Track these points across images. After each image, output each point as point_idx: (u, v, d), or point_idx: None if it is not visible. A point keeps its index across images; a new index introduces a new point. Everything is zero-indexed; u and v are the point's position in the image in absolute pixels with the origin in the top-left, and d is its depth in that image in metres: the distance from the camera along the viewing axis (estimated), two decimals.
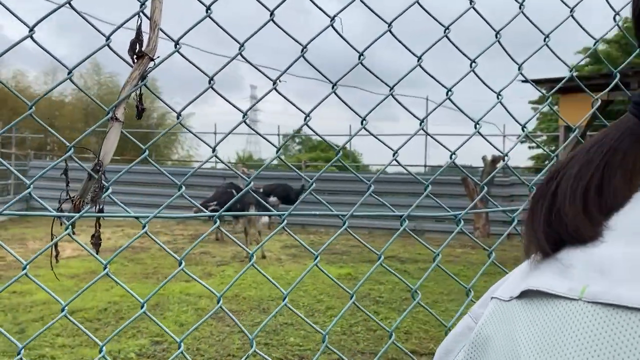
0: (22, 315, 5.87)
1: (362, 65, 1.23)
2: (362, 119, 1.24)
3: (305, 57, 1.16)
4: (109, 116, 1.16)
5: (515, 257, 11.26)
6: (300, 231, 14.73)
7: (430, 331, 5.92)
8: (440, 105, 1.32)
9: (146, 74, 1.11)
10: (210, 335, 5.43)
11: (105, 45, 1.09)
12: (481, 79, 1.36)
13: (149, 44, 1.09)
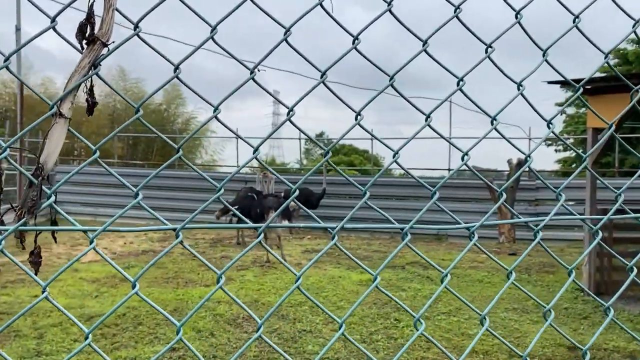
0: (41, 320, 5.88)
1: (357, 50, 1.12)
2: (356, 113, 1.13)
3: (288, 42, 1.06)
4: (53, 111, 1.01)
5: (540, 263, 10.96)
6: (321, 235, 14.62)
7: (453, 339, 5.75)
8: (449, 98, 1.21)
9: (98, 61, 0.98)
10: (227, 342, 5.35)
11: (50, 28, 0.95)
12: (498, 67, 1.24)
13: (102, 27, 0.96)
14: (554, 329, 5.10)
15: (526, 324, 6.41)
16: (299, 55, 1.11)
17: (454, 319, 6.46)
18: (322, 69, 1.10)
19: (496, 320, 6.47)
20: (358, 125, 1.13)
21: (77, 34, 0.97)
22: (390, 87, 1.16)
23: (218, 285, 1.07)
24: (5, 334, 5.50)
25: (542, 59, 1.28)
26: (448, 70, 1.21)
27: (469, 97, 1.23)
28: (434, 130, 1.23)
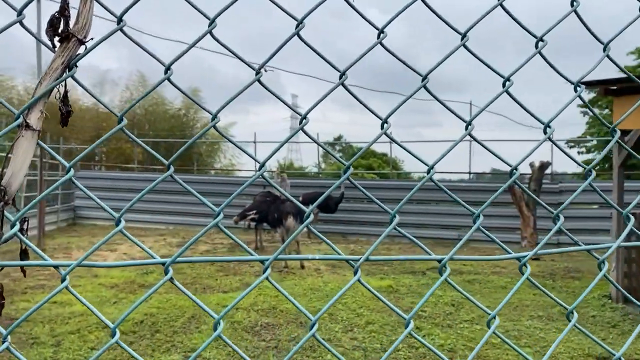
0: (59, 327, 5.86)
1: (382, 45, 1.01)
2: (382, 121, 1.02)
3: (300, 35, 0.95)
4: (18, 122, 0.84)
5: (565, 268, 10.68)
6: (340, 240, 14.50)
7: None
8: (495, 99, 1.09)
9: (74, 62, 0.84)
10: (245, 351, 5.26)
11: (17, 22, 0.82)
12: (550, 63, 1.12)
13: (79, 21, 0.82)
14: (582, 338, 4.87)
15: (552, 332, 6.21)
16: (316, 56, 1.01)
17: (477, 326, 6.29)
18: (336, 73, 1.00)
19: (521, 328, 6.29)
20: (384, 134, 1.02)
21: (47, 29, 0.83)
22: (414, 88, 1.05)
23: (216, 333, 0.98)
24: (23, 341, 5.49)
25: (603, 55, 1.16)
26: (492, 68, 1.10)
27: (515, 98, 1.11)
28: (474, 139, 1.11)
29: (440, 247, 13.84)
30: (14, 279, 8.37)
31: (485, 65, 1.08)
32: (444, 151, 1.15)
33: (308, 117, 0.98)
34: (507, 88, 1.10)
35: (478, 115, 1.08)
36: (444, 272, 1.10)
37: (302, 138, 33.21)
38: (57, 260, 3.64)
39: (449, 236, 14.63)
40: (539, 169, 13.30)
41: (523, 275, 1.15)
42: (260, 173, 0.99)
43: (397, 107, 1.03)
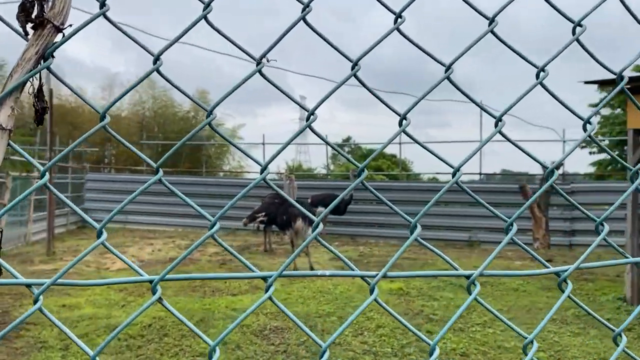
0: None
1: (399, 31, 0.93)
2: (401, 117, 0.94)
3: (306, 20, 0.88)
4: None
5: (579, 271, 10.51)
6: (349, 242, 14.41)
7: (489, 353, 5.48)
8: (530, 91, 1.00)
9: (50, 51, 0.74)
10: (254, 356, 5.20)
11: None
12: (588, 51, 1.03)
13: (55, 5, 0.73)
14: (597, 342, 4.76)
15: (566, 336, 6.09)
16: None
17: (489, 330, 6.18)
18: (343, 73, 0.93)
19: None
20: (403, 132, 0.94)
21: (19, 14, 0.73)
22: (423, 89, 0.97)
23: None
24: (31, 344, 5.46)
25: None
26: (527, 59, 1.02)
27: (549, 89, 1.03)
28: (504, 136, 1.03)
29: (452, 249, 13.72)
30: None
31: (516, 54, 0.99)
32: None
33: (316, 113, 0.91)
34: (542, 79, 1.02)
35: (509, 110, 1.00)
36: (473, 290, 1.01)
37: (310, 139, 33.11)
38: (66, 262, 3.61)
39: (460, 238, 14.50)
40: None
41: (563, 293, 1.05)
42: (263, 177, 0.92)
43: (417, 102, 0.95)
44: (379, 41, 0.91)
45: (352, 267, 0.98)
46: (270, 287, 0.92)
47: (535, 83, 1.01)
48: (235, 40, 0.89)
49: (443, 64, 0.96)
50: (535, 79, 1.02)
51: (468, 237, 14.43)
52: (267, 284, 0.93)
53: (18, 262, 10.23)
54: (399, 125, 0.94)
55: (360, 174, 0.95)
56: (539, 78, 1.02)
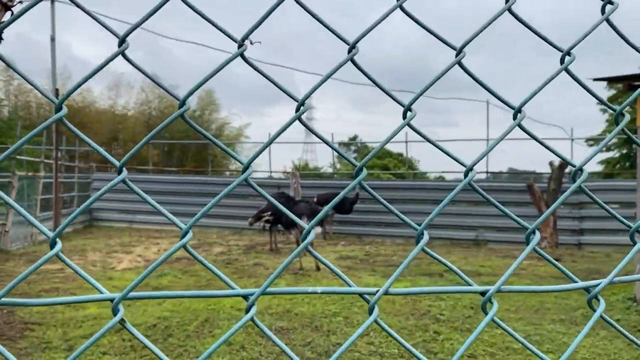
0: (72, 331, 5.81)
1: (402, 9, 0.88)
2: (405, 108, 0.87)
3: None
4: None
5: (587, 269, 10.40)
6: (356, 241, 14.35)
7: (498, 354, 5.40)
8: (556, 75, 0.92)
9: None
10: (259, 357, 5.15)
11: None
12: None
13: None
14: (607, 343, 4.67)
15: (575, 337, 5.99)
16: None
17: (497, 331, 6.10)
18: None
19: (542, 333, 6.09)
20: (408, 125, 0.88)
21: None
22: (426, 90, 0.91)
23: None
24: (35, 345, 5.44)
25: None
26: (551, 42, 0.95)
27: (573, 74, 0.96)
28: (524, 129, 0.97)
29: (458, 248, 13.63)
30: (28, 282, 8.37)
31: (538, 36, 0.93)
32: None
33: (307, 103, 0.85)
34: (568, 64, 0.94)
35: (529, 100, 0.93)
36: (490, 309, 0.93)
37: (316, 138, 33.09)
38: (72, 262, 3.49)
39: (467, 237, 14.41)
40: (559, 168, 13.03)
41: (595, 312, 0.95)
42: (246, 176, 0.86)
43: (424, 90, 0.88)
44: (379, 21, 0.85)
45: (350, 282, 0.91)
46: (252, 307, 0.84)
47: (561, 68, 0.94)
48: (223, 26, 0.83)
49: (454, 47, 0.90)
50: (560, 64, 0.94)
51: (475, 236, 14.34)
52: (249, 303, 0.83)
53: (24, 262, 10.24)
54: (403, 117, 0.88)
55: (359, 173, 0.88)
56: (564, 62, 0.94)
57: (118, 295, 0.78)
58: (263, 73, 0.86)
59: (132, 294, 0.79)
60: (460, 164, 0.93)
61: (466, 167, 0.92)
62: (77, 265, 4.19)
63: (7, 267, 9.73)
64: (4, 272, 9.32)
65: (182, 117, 0.82)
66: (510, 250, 13.22)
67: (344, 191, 0.86)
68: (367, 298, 0.89)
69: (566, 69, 0.93)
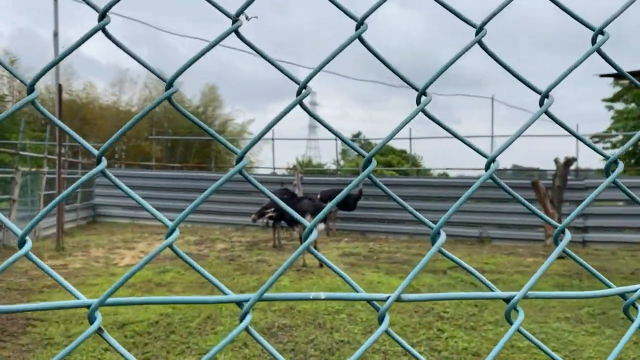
0: (74, 328, 5.79)
1: None
2: (419, 92, 0.81)
3: None
4: None
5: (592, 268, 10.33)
6: (359, 238, 14.30)
7: (502, 353, 5.35)
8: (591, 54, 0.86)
9: None
10: (261, 354, 5.11)
11: None
12: None
13: None
14: (613, 342, 4.60)
15: (581, 335, 5.94)
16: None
17: (501, 329, 6.05)
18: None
19: (548, 331, 6.03)
20: (422, 112, 0.82)
21: None
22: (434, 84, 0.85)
23: None
24: (36, 341, 5.42)
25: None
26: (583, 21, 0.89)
27: (606, 56, 0.90)
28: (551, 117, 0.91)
29: (462, 245, 13.56)
30: (31, 278, 8.36)
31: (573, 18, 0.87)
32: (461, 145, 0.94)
33: (309, 87, 0.80)
34: (600, 44, 0.87)
35: (558, 83, 0.87)
36: (515, 319, 0.86)
37: (320, 135, 32.91)
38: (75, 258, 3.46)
39: (471, 234, 14.34)
40: (564, 165, 12.94)
41: (635, 321, 0.88)
42: (240, 167, 0.81)
43: (439, 74, 0.82)
44: None
45: (357, 287, 0.83)
46: (247, 316, 0.78)
47: (592, 49, 0.88)
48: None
49: (473, 24, 0.84)
50: (591, 44, 0.88)
51: (479, 233, 14.27)
52: (243, 310, 0.77)
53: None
54: (417, 102, 0.82)
55: (367, 165, 0.82)
56: (596, 42, 0.88)
57: (95, 302, 0.72)
58: (260, 52, 0.81)
59: (110, 299, 0.73)
60: (482, 154, 0.87)
61: (488, 158, 0.86)
62: (80, 261, 4.22)
63: None
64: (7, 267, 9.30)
65: (169, 99, 0.78)
66: (515, 247, 13.15)
67: (352, 184, 0.81)
68: (376, 305, 0.82)
69: (598, 49, 0.87)
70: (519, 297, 0.82)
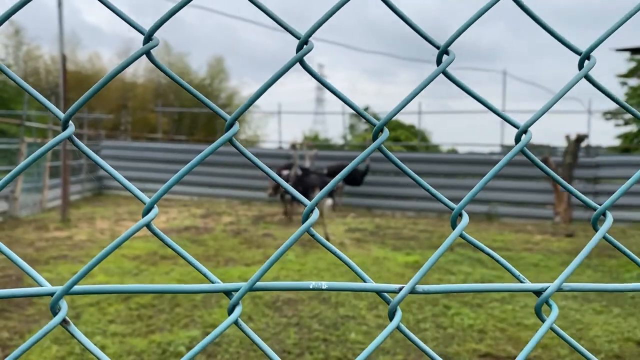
0: (79, 299, 5.78)
1: None
2: (440, 50, 0.70)
3: None
4: None
5: (601, 246, 10.24)
6: (365, 214, 14.24)
7: (508, 330, 5.30)
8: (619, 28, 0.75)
9: None
10: (266, 328, 5.09)
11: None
12: None
13: None
14: (621, 321, 4.52)
15: (588, 314, 5.88)
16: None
17: (508, 307, 5.99)
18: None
19: None
20: (443, 73, 0.71)
21: None
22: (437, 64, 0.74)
23: None
24: (42, 311, 5.42)
25: None
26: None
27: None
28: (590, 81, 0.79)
29: (470, 221, 13.33)
30: (37, 249, 8.37)
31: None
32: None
33: (311, 42, 0.69)
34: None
35: (602, 41, 0.75)
36: (549, 315, 0.76)
37: (328, 108, 32.62)
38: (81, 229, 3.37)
39: (479, 210, 14.24)
40: (575, 142, 12.74)
41: None
42: (230, 135, 0.71)
43: (464, 29, 0.71)
44: None
45: (366, 277, 0.73)
46: (236, 307, 0.69)
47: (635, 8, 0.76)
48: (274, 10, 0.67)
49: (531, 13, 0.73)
50: None
51: (487, 209, 14.17)
52: (232, 302, 0.67)
53: (34, 229, 10.25)
54: (438, 63, 0.71)
55: (377, 135, 0.71)
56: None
57: (59, 290, 0.63)
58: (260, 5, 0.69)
59: (76, 287, 0.64)
60: (513, 124, 0.76)
61: (519, 129, 0.75)
62: (85, 233, 4.11)
63: (16, 234, 9.74)
64: (14, 238, 9.33)
65: (148, 54, 0.67)
66: (523, 224, 13.05)
67: (360, 155, 0.70)
68: (387, 297, 0.72)
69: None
70: (551, 290, 0.72)
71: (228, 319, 0.65)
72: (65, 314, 0.62)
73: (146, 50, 0.66)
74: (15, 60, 24.03)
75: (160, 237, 0.69)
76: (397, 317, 0.70)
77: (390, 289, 0.70)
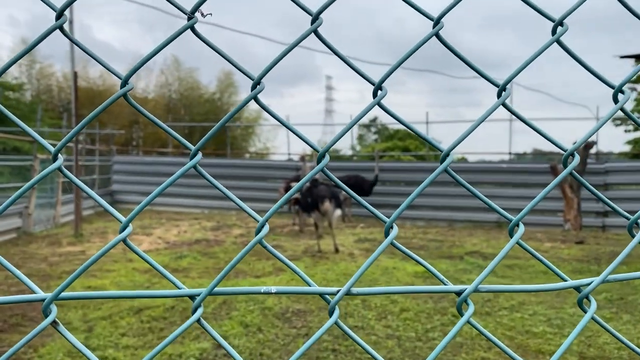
0: (91, 313, 5.87)
1: None
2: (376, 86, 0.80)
3: None
4: None
5: (611, 252, 10.18)
6: (375, 224, 14.27)
7: (517, 338, 5.32)
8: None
9: None
10: (275, 339, 5.14)
11: None
12: None
13: None
14: (631, 328, 4.54)
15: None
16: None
17: (517, 314, 6.00)
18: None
19: (564, 316, 5.97)
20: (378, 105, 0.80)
21: None
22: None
23: None
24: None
25: None
26: None
27: None
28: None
29: (480, 230, 13.46)
30: (51, 264, 8.50)
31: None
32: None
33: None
34: None
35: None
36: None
37: (337, 119, 32.72)
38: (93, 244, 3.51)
39: (489, 219, 14.21)
40: (584, 148, 12.72)
41: None
42: (193, 164, 0.80)
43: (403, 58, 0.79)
44: None
45: (309, 282, 0.84)
46: (198, 309, 0.79)
47: None
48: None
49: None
50: None
51: (497, 218, 14.14)
52: (194, 304, 0.78)
53: (47, 244, 10.41)
54: (374, 94, 0.78)
55: (320, 159, 0.82)
56: None
57: (49, 296, 0.73)
58: (215, 48, 0.78)
59: (64, 294, 0.74)
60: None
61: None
62: (98, 247, 4.26)
63: (30, 249, 9.89)
64: (28, 253, 9.48)
65: (125, 97, 0.77)
66: (533, 232, 13.01)
67: (307, 176, 0.78)
68: (327, 298, 0.83)
69: None
70: (469, 291, 0.80)
71: (191, 318, 0.77)
72: (55, 317, 0.71)
73: (123, 94, 0.75)
74: (29, 79, 24.45)
75: (135, 250, 0.79)
76: (335, 314, 0.81)
77: (330, 291, 0.82)
